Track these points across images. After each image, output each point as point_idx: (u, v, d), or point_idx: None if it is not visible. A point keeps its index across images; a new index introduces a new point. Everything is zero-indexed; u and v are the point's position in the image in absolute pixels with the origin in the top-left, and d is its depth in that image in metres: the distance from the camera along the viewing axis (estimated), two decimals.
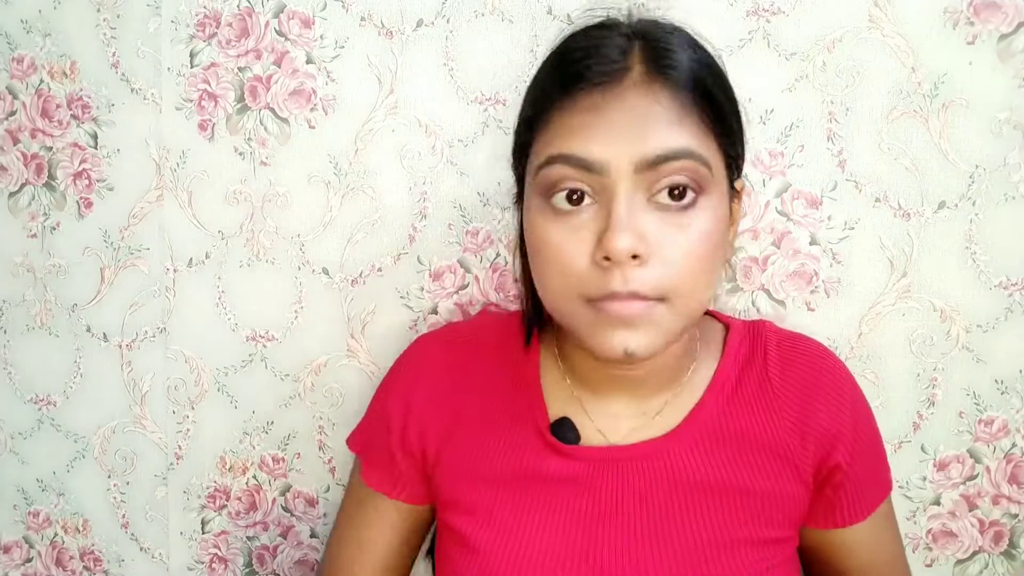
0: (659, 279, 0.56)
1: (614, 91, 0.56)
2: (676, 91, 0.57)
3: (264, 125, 0.90)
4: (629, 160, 0.55)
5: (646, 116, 0.56)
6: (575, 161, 0.56)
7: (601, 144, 0.56)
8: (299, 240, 0.91)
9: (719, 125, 0.59)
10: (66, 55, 0.94)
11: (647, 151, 0.55)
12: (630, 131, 0.56)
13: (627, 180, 0.56)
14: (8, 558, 1.03)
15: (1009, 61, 0.80)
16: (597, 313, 0.58)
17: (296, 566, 0.97)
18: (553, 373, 0.71)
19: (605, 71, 0.57)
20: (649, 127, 0.56)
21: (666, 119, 0.56)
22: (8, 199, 0.97)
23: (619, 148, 0.56)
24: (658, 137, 0.56)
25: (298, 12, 0.88)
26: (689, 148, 0.56)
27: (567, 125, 0.57)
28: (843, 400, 0.68)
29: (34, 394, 1.00)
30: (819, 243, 0.84)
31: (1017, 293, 0.82)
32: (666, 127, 0.56)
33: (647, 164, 0.55)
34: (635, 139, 0.56)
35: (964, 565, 0.87)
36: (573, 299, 0.59)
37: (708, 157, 0.57)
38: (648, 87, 0.56)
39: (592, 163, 0.56)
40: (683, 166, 0.56)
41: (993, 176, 0.81)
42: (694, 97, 0.57)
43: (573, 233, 0.58)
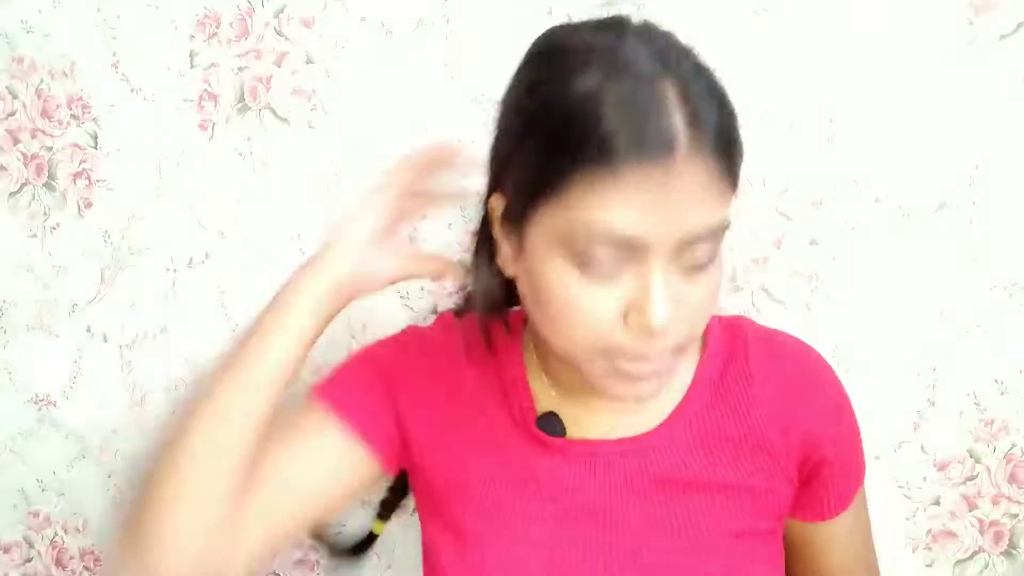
0: (681, 335, 0.57)
1: (669, 167, 0.50)
2: (715, 158, 0.52)
3: (264, 125, 0.90)
4: (671, 239, 0.53)
5: (694, 193, 0.52)
6: (618, 241, 0.52)
7: (644, 221, 0.51)
8: (299, 240, 0.91)
9: (735, 179, 0.55)
10: (66, 55, 0.94)
11: (691, 230, 0.53)
12: (678, 209, 0.52)
13: (667, 256, 0.54)
14: (8, 558, 1.03)
15: (1009, 61, 0.80)
16: (615, 366, 0.57)
17: (296, 566, 0.97)
18: (536, 371, 0.71)
19: (656, 144, 0.50)
20: (696, 205, 0.52)
21: (710, 195, 0.52)
22: (8, 199, 0.97)
23: (665, 226, 0.52)
24: (704, 214, 0.53)
25: (298, 12, 0.88)
26: (725, 221, 0.55)
27: (607, 196, 0.51)
28: (827, 396, 0.68)
29: (34, 394, 1.00)
30: (819, 243, 0.84)
31: (1017, 293, 0.82)
32: (710, 203, 0.53)
33: (689, 241, 0.53)
34: (680, 218, 0.52)
35: (964, 565, 0.87)
36: (595, 351, 0.57)
37: (730, 217, 0.56)
38: (693, 158, 0.51)
39: (635, 241, 0.52)
40: (717, 236, 0.55)
41: (993, 176, 0.81)
42: (725, 163, 0.53)
43: (601, 297, 0.55)
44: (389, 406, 0.70)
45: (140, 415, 0.97)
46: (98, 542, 1.01)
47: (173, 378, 0.96)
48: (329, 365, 0.92)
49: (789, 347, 0.70)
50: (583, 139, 0.51)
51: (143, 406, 0.97)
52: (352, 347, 0.92)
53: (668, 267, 0.54)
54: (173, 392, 0.96)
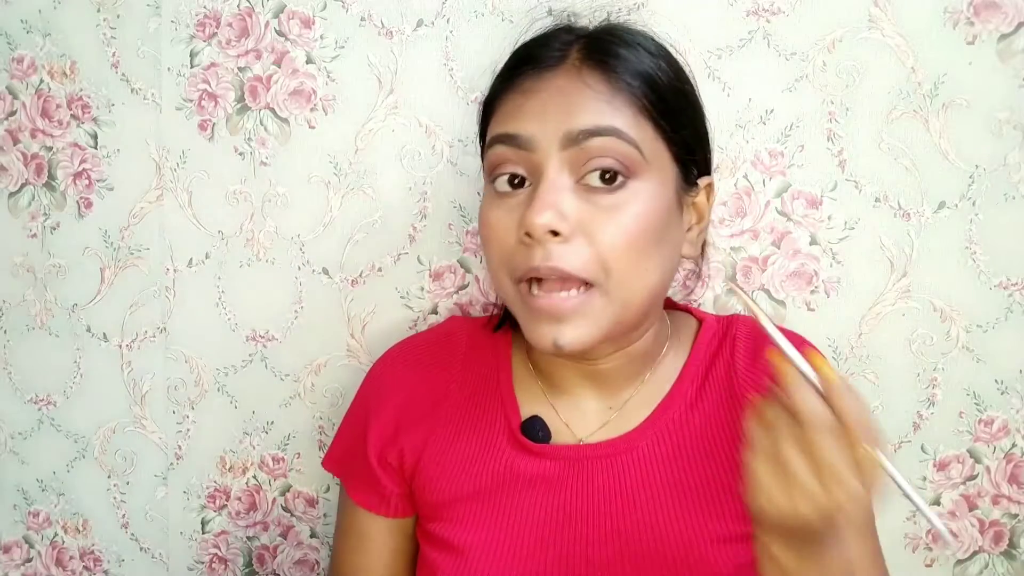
0: (584, 260, 0.57)
1: (547, 74, 0.60)
2: (609, 77, 0.59)
3: (264, 125, 0.90)
4: (555, 135, 0.58)
5: (575, 95, 0.59)
6: (508, 139, 0.60)
7: (531, 121, 0.59)
8: (299, 240, 0.91)
9: (664, 118, 0.61)
10: (66, 55, 0.94)
11: (572, 126, 0.58)
12: (558, 108, 0.59)
13: (555, 158, 0.58)
14: (8, 558, 1.03)
15: (1009, 61, 0.80)
16: (528, 306, 0.60)
17: (296, 566, 0.97)
18: (523, 374, 0.71)
19: (543, 56, 0.61)
20: (576, 105, 0.59)
21: (594, 100, 0.59)
22: (8, 199, 0.97)
23: (546, 125, 0.58)
24: (584, 115, 0.58)
25: (298, 12, 0.88)
26: (614, 127, 0.58)
27: (507, 107, 0.62)
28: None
29: (34, 394, 1.00)
30: (819, 243, 0.84)
31: (1017, 293, 0.82)
32: (594, 106, 0.58)
33: (571, 139, 0.58)
34: (562, 115, 0.58)
35: (964, 565, 0.87)
36: (505, 279, 0.62)
37: (638, 140, 0.59)
38: (579, 72, 0.60)
39: (522, 139, 0.59)
40: (608, 144, 0.58)
41: (993, 176, 0.81)
42: (632, 86, 0.59)
43: (508, 213, 0.60)
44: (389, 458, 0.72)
45: (140, 415, 0.97)
46: (98, 542, 1.01)
47: (173, 378, 0.96)
48: (329, 365, 0.93)
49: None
50: (503, 69, 0.65)
51: (143, 406, 0.97)
52: (352, 347, 0.92)
53: (562, 175, 0.58)
54: (173, 392, 0.96)
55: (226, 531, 0.98)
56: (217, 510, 0.97)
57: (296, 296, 0.92)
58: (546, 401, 0.70)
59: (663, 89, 0.61)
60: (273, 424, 0.95)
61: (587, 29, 0.65)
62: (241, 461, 0.96)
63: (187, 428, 0.97)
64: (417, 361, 0.74)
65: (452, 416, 0.71)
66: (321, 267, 0.91)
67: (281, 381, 0.94)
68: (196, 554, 0.98)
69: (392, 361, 0.76)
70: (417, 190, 0.89)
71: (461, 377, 0.73)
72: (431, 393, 0.72)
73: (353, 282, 0.91)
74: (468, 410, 0.71)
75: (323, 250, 0.91)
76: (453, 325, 0.77)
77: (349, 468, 0.76)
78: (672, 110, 0.61)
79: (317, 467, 0.95)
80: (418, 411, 0.72)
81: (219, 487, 0.97)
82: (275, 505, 0.96)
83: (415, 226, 0.89)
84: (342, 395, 0.93)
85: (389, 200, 0.89)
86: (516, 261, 0.59)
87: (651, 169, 0.59)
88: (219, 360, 0.95)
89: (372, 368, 0.78)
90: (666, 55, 0.65)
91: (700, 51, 0.83)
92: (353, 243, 0.90)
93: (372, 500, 0.73)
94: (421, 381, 0.73)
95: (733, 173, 0.84)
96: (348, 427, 0.77)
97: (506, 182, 0.61)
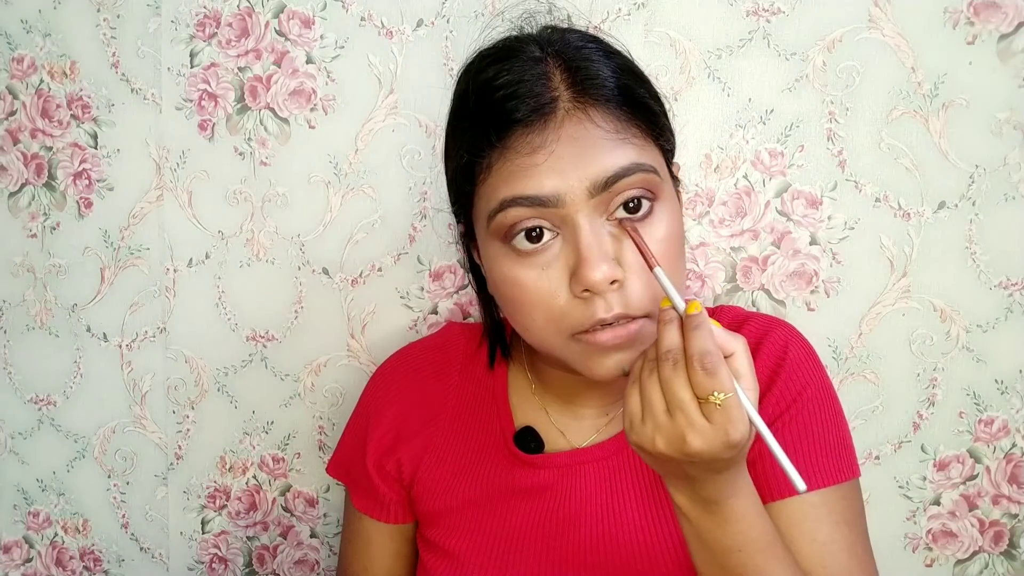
0: (640, 296, 0.56)
1: (550, 126, 0.56)
2: (610, 109, 0.56)
3: (264, 125, 0.90)
4: (581, 187, 0.55)
5: (587, 142, 0.55)
6: (529, 201, 0.56)
7: (550, 178, 0.55)
8: (299, 240, 0.91)
9: (654, 127, 0.59)
10: (66, 55, 0.94)
11: (597, 174, 0.55)
12: (576, 159, 0.55)
13: (584, 207, 0.55)
14: (8, 558, 1.03)
15: (1009, 61, 0.80)
16: (588, 346, 0.58)
17: (296, 566, 0.97)
18: (520, 384, 0.71)
19: (536, 108, 0.56)
20: (593, 151, 0.55)
21: (607, 139, 0.56)
22: (8, 199, 0.97)
23: (568, 179, 0.55)
24: (604, 159, 0.55)
25: (298, 12, 0.88)
26: (636, 162, 0.56)
27: (511, 169, 0.56)
28: (781, 358, 0.66)
29: (34, 394, 1.00)
30: (819, 243, 0.84)
31: (1017, 293, 0.82)
32: (610, 147, 0.56)
33: (600, 187, 0.55)
34: (582, 166, 0.55)
35: (964, 565, 0.87)
36: (562, 336, 0.58)
37: (653, 163, 0.57)
38: (582, 112, 0.56)
39: (547, 198, 0.55)
40: (634, 180, 0.56)
41: (993, 176, 0.81)
42: (626, 109, 0.57)
43: (544, 271, 0.57)
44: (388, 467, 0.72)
45: (140, 415, 0.97)
46: (98, 542, 1.01)
47: (173, 378, 0.96)
48: (329, 365, 0.93)
49: (759, 325, 0.68)
50: (483, 122, 0.58)
51: (143, 406, 0.97)
52: (352, 347, 0.92)
53: (596, 223, 0.56)
54: (173, 392, 0.96)
55: (226, 531, 0.98)
56: (217, 510, 0.97)
57: (296, 296, 0.92)
58: (542, 409, 0.70)
59: (640, 90, 0.59)
60: (273, 424, 0.95)
61: (544, 41, 0.59)
62: (241, 461, 0.96)
63: (187, 428, 0.97)
64: (416, 370, 0.75)
65: (449, 426, 0.72)
66: (321, 267, 0.91)
67: (281, 381, 0.94)
68: (196, 554, 0.98)
69: (392, 370, 0.77)
70: (417, 190, 0.89)
71: (458, 387, 0.73)
72: (429, 403, 0.73)
73: (353, 282, 0.91)
74: (465, 420, 0.72)
75: (323, 250, 0.91)
76: (451, 332, 0.77)
77: (351, 475, 0.77)
78: (651, 108, 0.60)
79: (317, 467, 0.95)
80: (416, 421, 0.72)
81: (219, 487, 0.97)
82: (275, 505, 0.96)
83: (415, 226, 0.89)
84: (342, 395, 0.93)
85: (389, 200, 0.89)
86: (573, 318, 0.57)
87: (664, 183, 0.59)
88: (219, 360, 0.95)
89: (372, 377, 0.78)
90: (619, 55, 0.61)
91: (700, 51, 0.83)
92: (353, 243, 0.90)
93: (372, 507, 0.74)
94: (419, 391, 0.73)
95: (733, 173, 0.84)
96: (349, 435, 0.78)
97: (524, 238, 0.57)
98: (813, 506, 0.62)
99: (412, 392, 0.74)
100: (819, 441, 0.64)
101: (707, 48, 0.83)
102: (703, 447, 0.48)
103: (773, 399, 0.64)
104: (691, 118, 0.84)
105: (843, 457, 0.65)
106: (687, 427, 0.48)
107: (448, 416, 0.72)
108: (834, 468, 0.64)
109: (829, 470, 0.63)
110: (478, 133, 0.58)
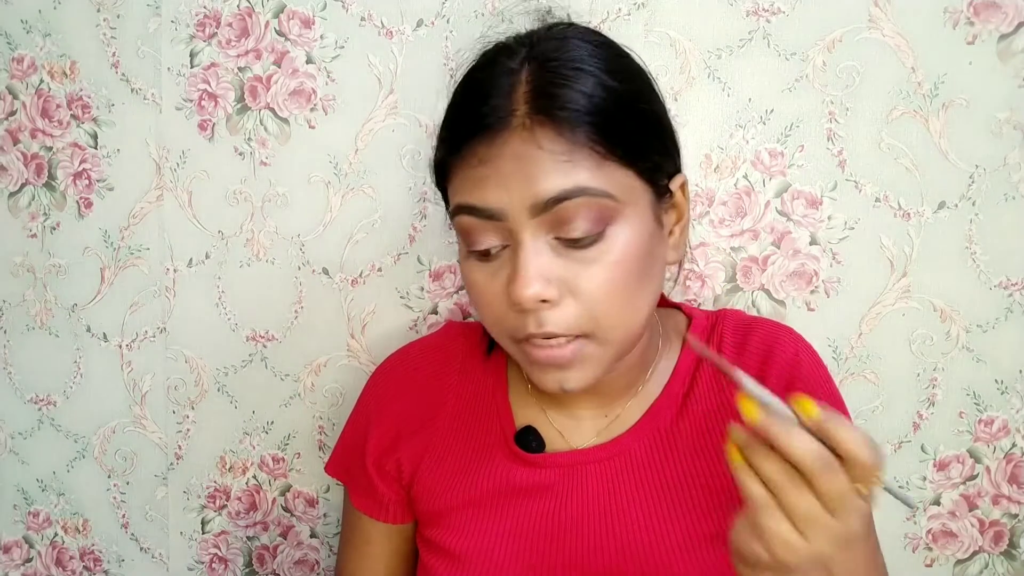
0: (576, 317, 0.56)
1: (499, 140, 0.55)
2: (562, 131, 0.55)
3: (264, 125, 0.90)
4: (522, 205, 0.55)
5: (530, 161, 0.55)
6: (476, 211, 0.57)
7: (493, 191, 0.56)
8: (299, 240, 0.91)
9: (629, 146, 0.57)
10: (66, 55, 0.94)
11: (537, 195, 0.54)
12: (519, 177, 0.55)
13: (527, 225, 0.55)
14: (8, 558, 1.03)
15: (1009, 61, 0.80)
16: (528, 355, 0.59)
17: (296, 566, 0.97)
18: (519, 383, 0.71)
19: (488, 122, 0.56)
20: (535, 172, 0.54)
21: (552, 162, 0.54)
22: (8, 199, 0.97)
23: (511, 195, 0.55)
24: (546, 180, 0.54)
25: (298, 12, 0.88)
26: (581, 186, 0.55)
27: (463, 176, 0.58)
28: (794, 369, 0.66)
29: (34, 394, 1.00)
30: (819, 243, 0.84)
31: (1017, 293, 0.82)
32: (553, 170, 0.54)
33: (540, 207, 0.55)
34: (524, 184, 0.55)
35: (964, 565, 0.87)
36: (504, 337, 0.60)
37: (609, 188, 0.55)
38: (531, 132, 0.55)
39: (491, 211, 0.56)
40: (579, 204, 0.55)
41: (993, 176, 0.81)
42: (588, 132, 0.55)
43: (491, 277, 0.59)
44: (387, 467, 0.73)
45: (140, 415, 0.97)
46: (98, 542, 1.01)
47: (173, 378, 0.96)
48: (329, 365, 0.93)
49: (762, 332, 0.69)
50: (450, 127, 0.60)
51: (143, 406, 0.97)
52: (352, 347, 0.92)
53: (540, 241, 0.56)
54: (173, 392, 0.96)
55: (226, 531, 0.98)
56: (217, 510, 0.97)
57: (296, 296, 0.92)
58: (541, 410, 0.70)
59: (622, 112, 0.57)
60: (273, 424, 0.95)
61: (534, 48, 0.58)
62: (241, 461, 0.96)
63: (187, 428, 0.97)
64: (415, 369, 0.75)
65: (449, 425, 0.72)
66: (321, 267, 0.91)
67: (281, 381, 0.94)
68: (196, 554, 0.98)
69: (392, 369, 0.77)
70: (417, 190, 0.89)
71: (458, 386, 0.73)
72: (429, 402, 0.73)
73: (353, 282, 0.91)
74: (465, 420, 0.71)
75: (323, 250, 0.91)
76: (451, 332, 0.77)
77: (350, 474, 0.76)
78: (634, 131, 0.57)
79: (317, 467, 0.95)
80: (416, 421, 0.72)
81: (219, 487, 0.97)
82: (275, 505, 0.96)
83: (415, 226, 0.89)
84: (342, 395, 0.93)
85: (389, 200, 0.89)
86: (509, 323, 0.58)
87: (626, 206, 0.57)
88: (219, 360, 0.95)
89: (372, 376, 0.78)
90: (612, 57, 0.59)
91: (700, 51, 0.83)
92: (353, 243, 0.90)
93: (371, 506, 0.74)
94: (420, 391, 0.73)
95: (733, 173, 0.84)
96: (349, 434, 0.78)
97: (480, 254, 0.59)
98: None
99: (412, 391, 0.74)
100: None
101: (707, 48, 0.83)
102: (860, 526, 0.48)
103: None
104: (691, 118, 0.84)
105: None
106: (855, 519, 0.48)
107: (448, 415, 0.72)
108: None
109: None
110: (447, 135, 0.60)
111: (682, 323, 0.73)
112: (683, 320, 0.73)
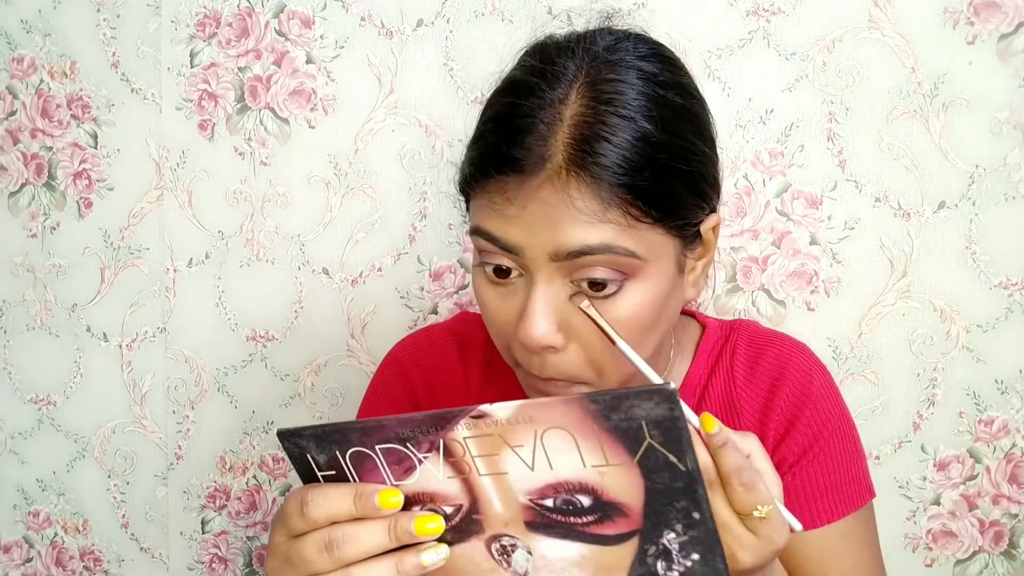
0: (578, 367, 0.56)
1: (529, 184, 0.53)
2: (598, 189, 0.52)
3: (264, 125, 0.90)
4: (542, 249, 0.53)
5: (560, 213, 0.53)
6: (494, 240, 0.55)
7: (516, 228, 0.54)
8: (299, 240, 0.91)
9: (660, 212, 0.54)
10: (66, 55, 0.94)
11: (560, 245, 0.53)
12: (544, 224, 0.53)
13: (545, 267, 0.54)
14: (8, 558, 1.03)
15: (1009, 61, 0.80)
16: (526, 380, 0.59)
17: None
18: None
19: (522, 165, 0.53)
20: (563, 224, 0.53)
21: (582, 218, 0.52)
22: (8, 199, 0.97)
23: (533, 237, 0.53)
24: (572, 234, 0.52)
25: (298, 12, 0.88)
26: (607, 244, 0.53)
27: (488, 203, 0.55)
28: (805, 391, 0.66)
29: (34, 394, 1.00)
30: (819, 243, 0.84)
31: (1017, 293, 0.82)
32: (582, 225, 0.53)
33: (561, 256, 0.53)
34: (549, 232, 0.53)
35: (964, 565, 0.87)
36: (509, 356, 0.60)
37: (635, 247, 0.54)
38: (565, 183, 0.52)
39: (509, 245, 0.54)
40: (601, 260, 0.53)
41: (993, 176, 0.81)
42: (623, 194, 0.52)
43: (503, 301, 0.57)
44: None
45: (140, 415, 0.97)
46: (98, 542, 1.01)
47: (173, 378, 0.96)
48: (329, 365, 0.93)
49: (777, 347, 0.68)
50: (483, 144, 0.57)
51: (143, 406, 0.97)
52: (352, 347, 0.92)
53: (555, 285, 0.54)
54: (173, 392, 0.96)
55: (226, 531, 0.98)
56: (217, 510, 0.97)
57: (296, 296, 0.92)
58: None
59: (663, 172, 0.54)
60: (273, 424, 0.95)
61: (587, 85, 0.54)
62: (241, 461, 0.96)
63: (187, 428, 0.97)
64: (444, 355, 0.73)
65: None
66: (321, 267, 0.91)
67: (281, 381, 0.94)
68: (196, 554, 0.98)
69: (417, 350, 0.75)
70: (417, 190, 0.89)
71: (484, 377, 0.72)
72: (457, 389, 0.71)
73: (353, 282, 0.91)
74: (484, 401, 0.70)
75: (323, 250, 0.91)
76: (470, 317, 0.76)
77: None
78: (673, 192, 0.55)
79: None
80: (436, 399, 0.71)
81: (219, 487, 0.97)
82: (275, 505, 0.96)
83: (415, 226, 0.89)
84: (342, 395, 0.93)
85: (389, 200, 0.89)
86: (514, 351, 0.57)
87: (649, 263, 0.55)
88: (219, 360, 0.95)
89: (393, 355, 0.75)
90: (663, 99, 0.55)
91: (700, 51, 0.83)
92: (353, 243, 0.90)
93: None
94: (448, 376, 0.72)
95: (733, 173, 0.84)
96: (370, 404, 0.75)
97: (493, 271, 0.57)
98: (842, 535, 0.65)
99: (441, 375, 0.72)
100: (844, 470, 0.66)
101: (707, 48, 0.83)
102: (754, 560, 0.47)
103: (799, 435, 0.65)
104: None
105: (863, 481, 0.67)
106: (736, 546, 0.47)
107: (469, 396, 0.71)
108: (856, 494, 0.66)
109: (853, 497, 0.66)
110: (477, 154, 0.57)
111: (695, 332, 0.72)
112: (697, 329, 0.72)
